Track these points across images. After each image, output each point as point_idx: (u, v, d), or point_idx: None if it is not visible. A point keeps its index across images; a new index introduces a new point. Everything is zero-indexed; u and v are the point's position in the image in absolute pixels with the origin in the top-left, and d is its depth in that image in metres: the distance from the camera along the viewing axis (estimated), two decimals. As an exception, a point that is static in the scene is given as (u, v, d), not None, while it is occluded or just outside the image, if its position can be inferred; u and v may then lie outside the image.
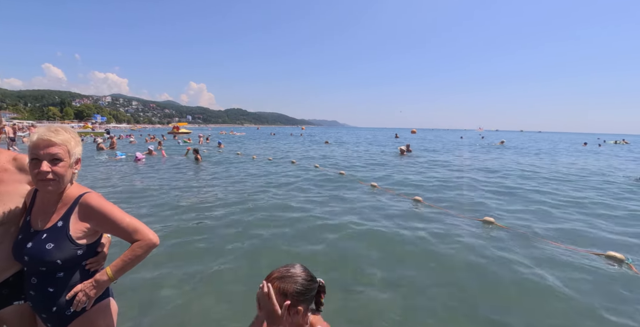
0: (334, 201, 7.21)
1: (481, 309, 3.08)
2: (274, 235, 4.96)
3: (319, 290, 1.41)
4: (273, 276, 1.31)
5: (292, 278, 1.30)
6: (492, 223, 5.62)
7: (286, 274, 1.31)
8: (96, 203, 1.39)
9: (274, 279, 1.29)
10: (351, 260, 4.10)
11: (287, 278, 1.30)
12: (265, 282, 1.28)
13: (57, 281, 1.34)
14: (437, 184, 9.56)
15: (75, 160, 1.40)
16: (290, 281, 1.29)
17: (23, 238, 1.36)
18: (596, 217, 6.24)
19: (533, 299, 3.27)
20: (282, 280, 1.29)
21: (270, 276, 1.31)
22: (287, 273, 1.32)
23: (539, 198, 7.81)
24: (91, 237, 1.41)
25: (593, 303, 3.21)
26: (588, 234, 5.27)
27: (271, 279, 1.30)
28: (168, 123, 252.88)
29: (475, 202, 7.31)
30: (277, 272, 1.32)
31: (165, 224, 5.41)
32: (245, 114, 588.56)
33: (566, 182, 10.23)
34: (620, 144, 40.28)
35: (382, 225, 5.51)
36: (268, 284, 1.27)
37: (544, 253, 4.41)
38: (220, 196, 7.55)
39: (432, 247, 4.57)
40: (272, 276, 1.31)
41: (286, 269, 1.34)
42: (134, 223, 1.41)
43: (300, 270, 1.34)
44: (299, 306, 1.29)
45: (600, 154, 23.53)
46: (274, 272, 1.33)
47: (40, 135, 1.30)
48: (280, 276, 1.30)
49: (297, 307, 1.29)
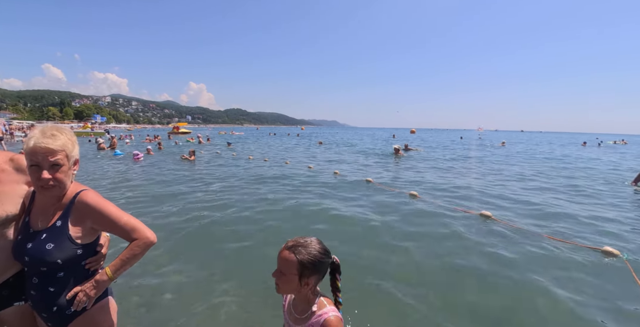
0: (347, 201, 7.23)
1: (475, 303, 3.09)
2: (273, 234, 4.96)
3: (333, 269, 1.40)
4: (288, 244, 1.32)
5: (305, 248, 1.30)
6: (489, 217, 5.65)
7: (300, 242, 1.32)
8: (93, 201, 1.38)
9: (286, 247, 1.31)
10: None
11: (299, 247, 1.30)
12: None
13: (57, 280, 1.35)
14: (431, 181, 9.57)
15: (73, 161, 1.40)
16: (302, 250, 1.29)
17: (23, 239, 1.36)
18: (595, 213, 6.24)
19: (527, 294, 3.28)
20: (293, 248, 1.30)
21: (285, 244, 1.33)
22: (301, 241, 1.33)
23: (537, 193, 7.83)
24: (90, 236, 1.41)
25: (587, 298, 3.23)
26: (585, 229, 5.29)
27: (285, 246, 1.32)
28: (168, 123, 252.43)
29: (472, 197, 7.34)
30: (292, 241, 1.34)
31: (163, 222, 5.41)
32: (245, 114, 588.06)
33: (566, 178, 10.24)
34: (619, 144, 40.28)
35: (378, 219, 5.53)
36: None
37: (540, 247, 4.44)
38: (219, 195, 7.56)
39: (427, 241, 4.60)
40: (287, 244, 1.33)
41: (302, 238, 1.35)
42: (131, 221, 1.40)
43: (316, 242, 1.34)
44: (309, 278, 1.29)
45: (603, 153, 23.55)
46: (290, 241, 1.34)
47: (37, 141, 1.27)
48: (293, 244, 1.31)
49: (307, 278, 1.29)
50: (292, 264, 1.28)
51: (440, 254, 4.28)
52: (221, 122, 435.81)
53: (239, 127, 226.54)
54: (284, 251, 1.30)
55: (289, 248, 1.30)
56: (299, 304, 1.40)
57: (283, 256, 1.30)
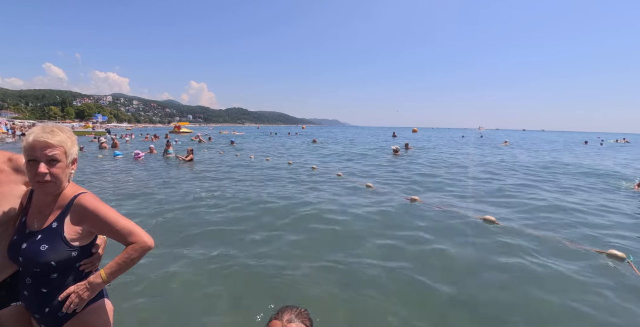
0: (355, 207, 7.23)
1: (479, 305, 3.09)
2: (273, 233, 4.97)
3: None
4: (284, 317, 1.26)
5: (304, 315, 1.30)
6: (493, 222, 5.63)
7: (294, 310, 1.30)
8: (90, 204, 1.38)
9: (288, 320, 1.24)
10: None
11: (299, 315, 1.28)
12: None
13: (50, 282, 1.34)
14: (437, 182, 9.56)
15: (71, 160, 1.39)
16: (299, 316, 1.27)
17: (18, 239, 1.35)
18: (599, 216, 6.21)
19: (531, 296, 3.27)
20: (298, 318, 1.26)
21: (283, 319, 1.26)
22: (294, 310, 1.31)
23: (540, 196, 7.79)
24: (86, 239, 1.40)
25: (591, 301, 3.21)
26: (590, 232, 5.25)
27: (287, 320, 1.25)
28: (169, 122, 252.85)
29: (475, 201, 7.31)
30: (288, 312, 1.29)
31: (161, 222, 5.42)
32: (246, 113, 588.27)
33: (570, 179, 10.22)
34: (620, 143, 40.18)
35: (382, 225, 5.53)
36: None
37: (545, 250, 4.42)
38: (216, 194, 7.57)
39: (431, 246, 4.57)
40: (283, 317, 1.26)
41: (290, 307, 1.32)
42: (129, 225, 1.40)
43: (304, 311, 1.33)
44: None
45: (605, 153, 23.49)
46: (285, 313, 1.28)
47: (36, 136, 1.28)
48: (295, 314, 1.28)
49: None
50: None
51: (440, 257, 4.30)
52: (222, 122, 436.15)
53: (239, 126, 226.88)
54: (289, 324, 1.22)
55: (290, 320, 1.24)
56: None
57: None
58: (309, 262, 4.03)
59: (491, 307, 3.10)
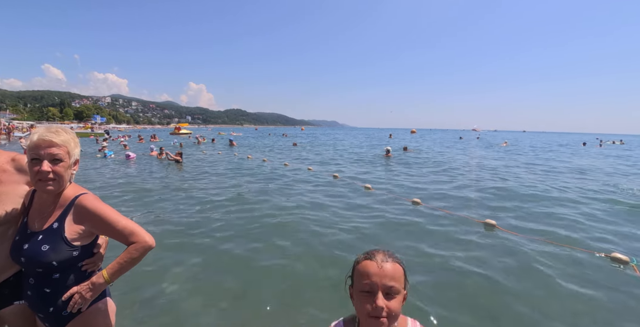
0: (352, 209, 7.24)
1: (482, 310, 3.09)
2: (273, 232, 4.98)
3: None
4: (377, 256, 1.05)
5: (391, 253, 1.10)
6: (494, 226, 5.58)
7: (379, 249, 1.10)
8: (91, 205, 1.39)
9: (380, 259, 1.04)
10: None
11: (386, 253, 1.08)
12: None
13: (53, 281, 1.35)
14: (434, 187, 9.58)
15: (74, 161, 1.41)
16: (391, 255, 1.08)
17: (20, 239, 1.36)
18: (602, 219, 6.20)
19: (534, 300, 3.27)
20: (387, 257, 1.06)
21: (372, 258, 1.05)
22: (379, 249, 1.11)
23: (543, 199, 7.80)
24: (87, 239, 1.41)
25: (595, 304, 3.21)
26: (593, 235, 5.24)
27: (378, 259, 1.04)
28: (168, 124, 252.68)
29: (475, 204, 7.32)
30: (377, 252, 1.07)
31: (162, 222, 5.42)
32: (245, 115, 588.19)
33: (570, 181, 10.24)
34: (617, 144, 40.33)
35: (384, 228, 5.55)
36: None
37: (548, 254, 4.41)
38: (214, 194, 7.59)
39: (431, 250, 4.57)
40: (376, 256, 1.05)
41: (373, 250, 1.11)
42: (129, 225, 1.41)
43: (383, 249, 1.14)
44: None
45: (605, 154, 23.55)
46: (373, 253, 1.08)
47: (41, 135, 1.31)
48: (383, 253, 1.07)
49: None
50: (400, 275, 1.03)
51: (440, 261, 4.30)
52: (221, 123, 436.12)
53: (238, 127, 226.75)
54: (384, 265, 1.02)
55: (386, 259, 1.04)
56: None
57: (389, 271, 1.01)
58: (308, 261, 4.04)
59: (491, 310, 3.11)
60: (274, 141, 35.37)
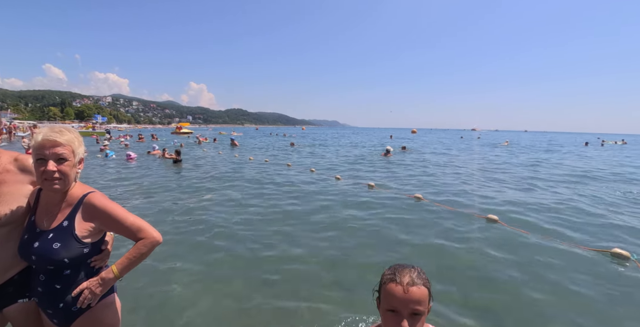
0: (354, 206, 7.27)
1: (481, 304, 3.10)
2: (276, 232, 5.00)
3: None
4: (403, 279, 1.06)
5: (418, 273, 1.10)
6: (496, 221, 5.65)
7: (407, 269, 1.10)
8: (100, 203, 1.42)
9: (405, 283, 1.05)
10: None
11: (414, 274, 1.08)
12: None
13: (64, 278, 1.38)
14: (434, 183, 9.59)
15: (78, 159, 1.43)
16: (418, 277, 1.08)
17: (29, 238, 1.38)
18: (603, 215, 6.23)
19: (536, 297, 3.28)
20: (415, 279, 1.06)
21: (397, 279, 1.06)
22: (407, 268, 1.11)
23: (544, 195, 7.82)
24: (96, 236, 1.45)
25: (596, 300, 3.23)
26: (594, 231, 5.27)
27: (402, 282, 1.05)
28: (169, 123, 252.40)
29: (478, 200, 7.35)
30: (402, 273, 1.09)
31: (165, 221, 5.45)
32: (246, 114, 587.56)
33: (575, 179, 10.23)
34: (619, 144, 40.25)
35: (386, 225, 5.57)
36: None
37: (548, 250, 4.44)
38: (215, 194, 7.61)
39: (434, 244, 4.60)
40: (402, 279, 1.06)
41: (401, 266, 1.13)
42: (137, 222, 1.45)
43: (411, 266, 1.15)
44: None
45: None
46: (398, 273, 1.09)
47: (45, 135, 1.32)
48: (409, 275, 1.07)
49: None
50: (425, 298, 1.05)
51: (444, 256, 4.31)
52: (222, 122, 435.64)
53: (239, 127, 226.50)
54: (410, 289, 1.03)
55: (412, 282, 1.05)
56: None
57: (414, 295, 1.03)
58: (314, 261, 4.06)
59: (491, 307, 3.12)
60: (275, 141, 35.40)
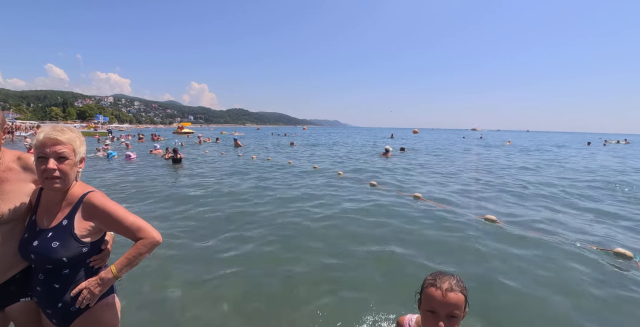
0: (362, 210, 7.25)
1: (480, 305, 3.05)
2: (279, 232, 4.99)
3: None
4: (443, 285, 1.20)
5: (457, 281, 1.24)
6: (495, 222, 5.62)
7: (446, 277, 1.24)
8: (100, 202, 1.42)
9: (445, 288, 1.19)
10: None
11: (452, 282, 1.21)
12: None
13: (62, 277, 1.37)
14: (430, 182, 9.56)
15: (79, 159, 1.43)
16: (457, 285, 1.22)
17: (29, 237, 1.38)
18: (605, 215, 6.19)
19: (536, 296, 3.27)
20: (453, 286, 1.20)
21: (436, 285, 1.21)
22: (446, 277, 1.24)
23: (545, 195, 7.78)
24: (95, 235, 1.44)
25: (598, 300, 3.21)
26: (596, 231, 5.24)
27: (442, 288, 1.19)
28: (170, 123, 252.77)
29: (476, 201, 7.32)
30: (442, 280, 1.22)
31: (166, 223, 5.45)
32: (247, 114, 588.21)
33: (575, 180, 10.19)
34: (622, 144, 40.12)
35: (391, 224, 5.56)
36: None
37: (550, 250, 4.42)
38: (216, 194, 7.61)
39: (431, 245, 4.58)
40: (442, 285, 1.20)
41: (441, 274, 1.27)
42: (137, 222, 1.44)
43: (450, 274, 1.29)
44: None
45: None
46: (439, 280, 1.22)
47: (47, 134, 1.33)
48: (448, 282, 1.21)
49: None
50: (462, 304, 1.19)
51: (443, 256, 4.29)
52: (223, 122, 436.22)
53: (240, 127, 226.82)
54: (449, 294, 1.17)
55: (450, 289, 1.19)
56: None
57: (452, 300, 1.17)
58: (315, 262, 4.05)
59: (494, 307, 3.10)
60: (277, 140, 35.44)
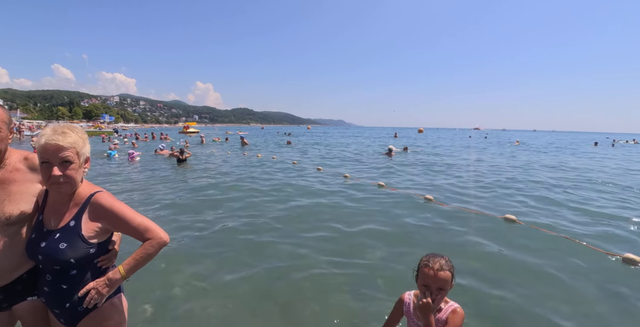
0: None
1: (492, 308, 3.06)
2: (283, 232, 5.00)
3: None
4: (434, 265, 1.52)
5: (446, 261, 1.57)
6: (514, 221, 5.60)
7: (437, 259, 1.56)
8: (107, 203, 1.41)
9: (436, 268, 1.51)
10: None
11: (442, 263, 1.54)
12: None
13: (70, 278, 1.37)
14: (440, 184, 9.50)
15: (84, 159, 1.41)
16: (447, 264, 1.55)
17: (36, 237, 1.38)
18: (618, 219, 6.07)
19: (544, 299, 3.23)
20: (443, 266, 1.52)
21: (429, 265, 1.53)
22: (437, 258, 1.56)
23: (561, 197, 7.71)
24: (103, 236, 1.44)
25: (606, 306, 3.17)
26: (608, 235, 5.16)
27: (434, 268, 1.52)
28: (175, 123, 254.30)
29: (495, 201, 7.30)
30: (433, 260, 1.54)
31: (173, 223, 5.46)
32: (252, 114, 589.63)
33: (589, 181, 10.07)
34: (630, 144, 39.65)
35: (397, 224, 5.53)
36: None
37: (559, 252, 4.39)
38: (222, 193, 7.61)
39: (450, 245, 4.59)
40: (433, 265, 1.52)
41: (433, 255, 1.60)
42: (145, 222, 1.43)
43: (441, 255, 1.60)
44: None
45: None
46: (431, 260, 1.55)
47: (48, 138, 1.29)
48: (439, 262, 1.53)
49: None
50: (449, 280, 1.52)
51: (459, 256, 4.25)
52: (228, 122, 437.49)
53: (245, 126, 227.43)
54: (439, 272, 1.50)
55: (440, 268, 1.50)
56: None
57: (442, 277, 1.50)
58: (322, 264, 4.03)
59: (501, 307, 3.07)
60: (281, 139, 35.49)
